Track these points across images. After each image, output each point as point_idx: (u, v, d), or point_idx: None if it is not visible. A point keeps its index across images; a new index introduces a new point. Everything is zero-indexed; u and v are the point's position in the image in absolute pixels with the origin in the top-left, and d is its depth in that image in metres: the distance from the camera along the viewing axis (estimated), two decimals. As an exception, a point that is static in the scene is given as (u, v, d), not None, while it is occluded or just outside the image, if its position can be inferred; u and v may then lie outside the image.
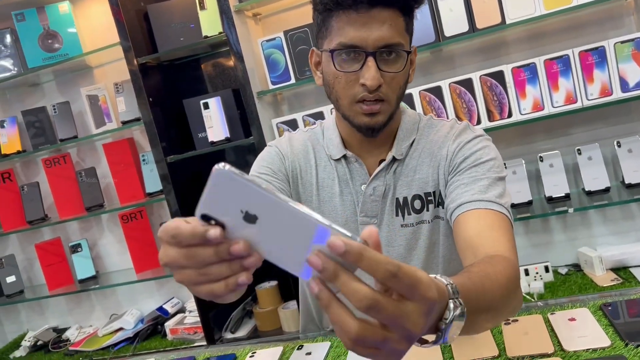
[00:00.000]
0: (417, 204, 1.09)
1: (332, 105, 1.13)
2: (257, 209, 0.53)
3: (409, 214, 1.09)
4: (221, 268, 0.55)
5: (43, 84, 2.71)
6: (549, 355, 0.85)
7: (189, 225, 0.55)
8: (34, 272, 2.95)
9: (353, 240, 0.50)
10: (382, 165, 1.08)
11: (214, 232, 0.53)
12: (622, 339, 0.84)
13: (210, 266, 0.55)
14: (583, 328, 0.91)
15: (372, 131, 1.02)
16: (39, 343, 2.79)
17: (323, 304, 0.51)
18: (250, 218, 0.53)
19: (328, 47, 0.99)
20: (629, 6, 1.99)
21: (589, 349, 0.84)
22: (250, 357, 1.12)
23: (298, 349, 1.10)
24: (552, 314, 0.98)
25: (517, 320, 0.99)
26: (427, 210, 1.09)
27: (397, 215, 1.09)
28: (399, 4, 0.95)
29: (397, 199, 1.09)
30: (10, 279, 2.76)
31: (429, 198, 1.09)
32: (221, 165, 0.55)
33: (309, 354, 1.07)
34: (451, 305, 0.57)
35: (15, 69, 2.52)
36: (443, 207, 1.08)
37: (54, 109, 2.55)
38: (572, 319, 0.95)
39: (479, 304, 0.66)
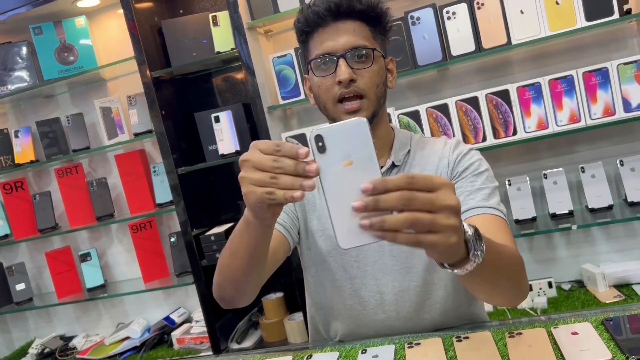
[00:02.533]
0: None
1: None
2: (357, 160, 0.66)
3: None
4: (289, 179, 0.73)
5: (57, 95, 2.77)
6: (552, 368, 0.88)
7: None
8: (42, 280, 2.99)
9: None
10: (383, 169, 1.18)
11: (305, 151, 0.73)
12: (623, 352, 0.87)
13: (283, 175, 0.73)
14: (585, 342, 0.94)
15: None
16: (46, 351, 2.82)
17: (377, 225, 0.66)
18: (345, 161, 0.67)
19: (307, 61, 1.15)
20: (632, 28, 2.04)
21: (591, 362, 0.87)
22: (260, 367, 1.15)
23: (307, 358, 1.13)
24: (555, 327, 1.01)
25: (521, 334, 1.02)
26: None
27: None
28: (358, 15, 1.10)
29: None
30: (20, 286, 2.80)
31: None
32: (364, 119, 0.69)
33: (318, 363, 1.09)
34: (468, 229, 0.75)
35: (31, 80, 2.58)
36: None
37: (68, 120, 2.60)
38: (575, 333, 0.97)
39: (493, 249, 0.82)
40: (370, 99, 1.11)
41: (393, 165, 1.19)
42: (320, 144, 0.68)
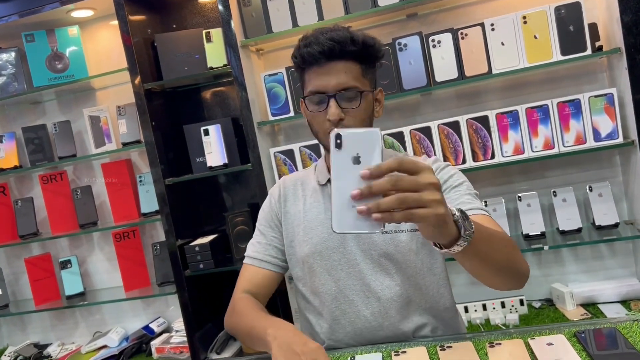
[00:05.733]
0: None
1: None
2: (365, 161, 0.79)
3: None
4: None
5: (44, 102, 2.79)
6: (529, 374, 0.96)
7: None
8: (19, 287, 2.96)
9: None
10: None
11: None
12: (593, 361, 0.96)
13: None
14: (560, 352, 1.02)
15: None
16: (19, 359, 2.79)
17: (374, 208, 0.77)
18: (354, 159, 0.79)
19: (303, 95, 1.26)
20: (603, 64, 2.19)
21: (565, 369, 0.95)
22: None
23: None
24: (532, 339, 1.10)
25: (500, 344, 1.10)
26: (406, 222, 1.26)
27: None
28: (351, 55, 1.19)
29: None
30: (-4, 292, 2.78)
31: None
32: (378, 130, 0.81)
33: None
34: (455, 212, 0.88)
35: (19, 86, 2.59)
36: None
37: (55, 127, 2.62)
38: (550, 344, 1.06)
39: (483, 228, 0.96)
40: None
41: None
42: (338, 141, 0.80)
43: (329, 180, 1.33)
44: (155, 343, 2.56)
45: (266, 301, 1.38)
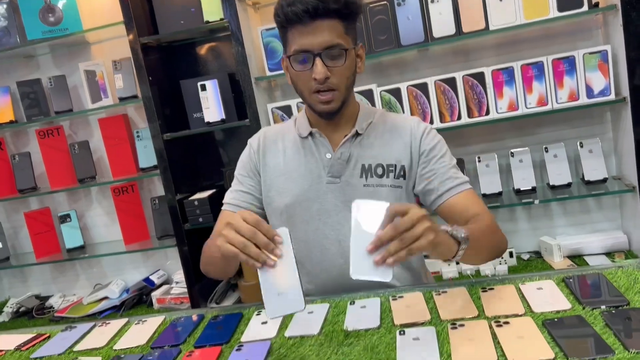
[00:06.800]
0: (379, 170, 1.33)
1: None
2: (374, 220, 0.95)
3: (371, 177, 1.34)
4: (256, 250, 0.97)
5: (38, 56, 2.76)
6: (520, 316, 1.02)
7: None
8: (18, 241, 3.00)
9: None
10: (347, 137, 1.34)
11: (279, 238, 0.99)
12: (580, 303, 1.03)
13: (253, 246, 0.97)
14: (549, 295, 1.09)
15: (330, 115, 1.30)
16: (22, 309, 2.86)
17: (386, 255, 0.92)
18: (368, 221, 0.96)
19: (287, 54, 1.27)
20: (599, 21, 2.20)
21: (553, 310, 1.02)
22: (257, 315, 1.24)
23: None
24: (523, 284, 1.16)
25: (492, 289, 1.17)
26: (387, 177, 1.33)
27: (361, 177, 1.33)
28: (335, 14, 1.21)
29: (362, 164, 1.33)
30: (-4, 245, 2.82)
31: (390, 169, 1.33)
32: (388, 204, 0.95)
33: (311, 312, 1.20)
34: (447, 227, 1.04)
35: (12, 39, 2.56)
36: (404, 179, 1.34)
37: (50, 82, 2.60)
38: (540, 288, 1.13)
39: (474, 234, 1.10)
40: (341, 91, 1.26)
41: (356, 134, 1.34)
42: (357, 209, 0.96)
43: (310, 134, 1.36)
44: (155, 294, 2.64)
45: None
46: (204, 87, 2.37)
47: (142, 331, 1.26)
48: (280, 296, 0.93)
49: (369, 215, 0.96)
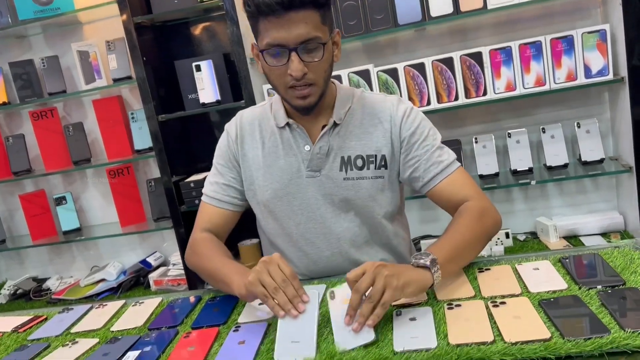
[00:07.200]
0: (359, 162, 1.29)
1: None
2: (344, 297, 1.02)
3: (351, 169, 1.29)
4: (285, 298, 1.01)
5: (30, 36, 2.72)
6: (517, 296, 1.02)
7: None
8: (14, 223, 2.99)
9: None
10: (325, 129, 1.28)
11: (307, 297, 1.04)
12: (577, 283, 1.03)
13: (282, 294, 1.02)
14: (545, 275, 1.09)
15: (307, 110, 1.22)
16: (19, 292, 2.86)
17: (361, 322, 0.95)
18: (340, 300, 1.03)
19: (259, 47, 1.17)
20: (597, -1, 2.18)
21: (549, 290, 1.02)
22: (255, 297, 1.26)
23: (297, 290, 1.24)
24: (519, 264, 1.16)
25: (489, 269, 1.17)
26: (368, 169, 1.29)
27: (340, 170, 1.29)
28: (310, 3, 1.10)
29: (342, 157, 1.28)
30: (-8, 228, 2.81)
31: (370, 160, 1.29)
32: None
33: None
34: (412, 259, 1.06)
35: (3, 19, 2.52)
36: (386, 168, 1.30)
37: (43, 63, 2.57)
38: (536, 269, 1.13)
39: (451, 241, 1.14)
40: (319, 86, 1.19)
41: (335, 124, 1.28)
42: (333, 295, 1.04)
43: (287, 124, 1.29)
44: (153, 276, 2.64)
45: (226, 237, 1.40)
46: (198, 68, 2.34)
47: (139, 313, 1.27)
48: (292, 344, 0.95)
49: (340, 294, 1.03)
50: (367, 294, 0.97)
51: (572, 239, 2.27)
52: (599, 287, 1.00)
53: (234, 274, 1.16)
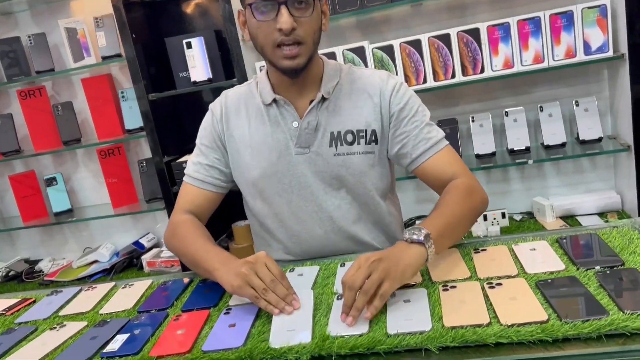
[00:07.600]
0: (349, 137, 1.26)
1: None
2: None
3: (341, 145, 1.27)
4: (275, 297, 1.00)
5: (16, 13, 2.64)
6: (513, 277, 1.00)
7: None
8: (4, 205, 2.96)
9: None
10: (313, 103, 1.25)
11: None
12: (574, 264, 1.01)
13: (273, 293, 1.00)
14: (542, 256, 1.07)
15: (295, 72, 1.18)
16: (11, 273, 2.83)
17: (356, 315, 0.93)
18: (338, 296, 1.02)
19: (247, 2, 1.14)
20: (598, -27, 2.12)
21: (546, 271, 1.00)
22: (247, 279, 1.23)
23: (290, 271, 1.22)
24: (516, 245, 1.14)
25: (485, 250, 1.15)
26: (358, 144, 1.27)
27: (330, 146, 1.26)
28: None
29: (331, 132, 1.26)
30: (-18, 209, 2.77)
31: (361, 134, 1.26)
32: None
33: (300, 275, 1.19)
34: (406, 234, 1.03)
35: (-13, -5, 2.45)
36: (377, 143, 1.28)
37: (30, 40, 2.50)
38: (533, 249, 1.11)
39: (443, 216, 1.13)
40: (308, 46, 1.15)
41: (323, 98, 1.25)
42: (340, 295, 1.00)
43: (274, 100, 1.26)
44: (146, 257, 2.62)
45: (207, 219, 1.37)
46: (189, 45, 2.29)
47: (128, 295, 1.24)
48: (288, 332, 0.94)
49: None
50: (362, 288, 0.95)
51: (569, 218, 2.25)
52: (597, 267, 0.98)
53: (216, 261, 1.13)
